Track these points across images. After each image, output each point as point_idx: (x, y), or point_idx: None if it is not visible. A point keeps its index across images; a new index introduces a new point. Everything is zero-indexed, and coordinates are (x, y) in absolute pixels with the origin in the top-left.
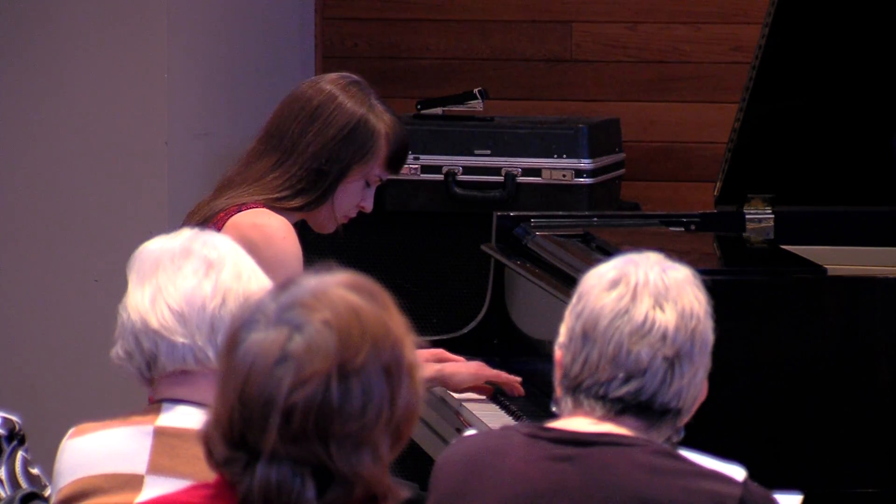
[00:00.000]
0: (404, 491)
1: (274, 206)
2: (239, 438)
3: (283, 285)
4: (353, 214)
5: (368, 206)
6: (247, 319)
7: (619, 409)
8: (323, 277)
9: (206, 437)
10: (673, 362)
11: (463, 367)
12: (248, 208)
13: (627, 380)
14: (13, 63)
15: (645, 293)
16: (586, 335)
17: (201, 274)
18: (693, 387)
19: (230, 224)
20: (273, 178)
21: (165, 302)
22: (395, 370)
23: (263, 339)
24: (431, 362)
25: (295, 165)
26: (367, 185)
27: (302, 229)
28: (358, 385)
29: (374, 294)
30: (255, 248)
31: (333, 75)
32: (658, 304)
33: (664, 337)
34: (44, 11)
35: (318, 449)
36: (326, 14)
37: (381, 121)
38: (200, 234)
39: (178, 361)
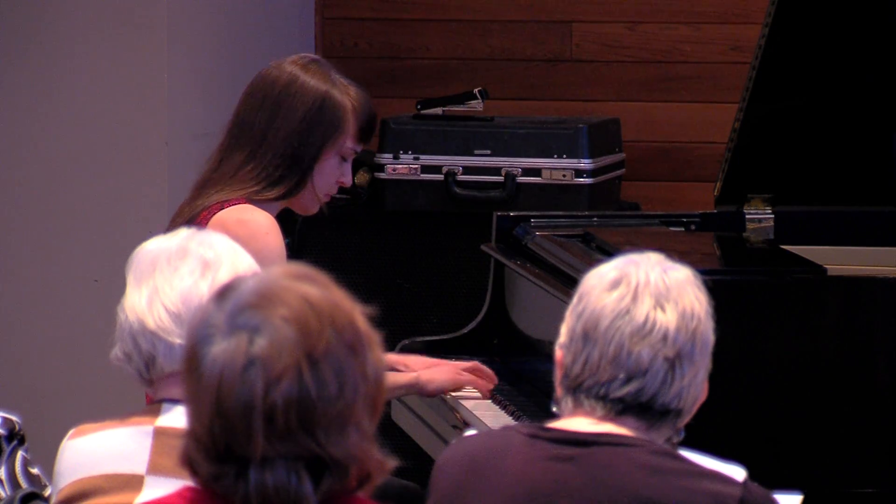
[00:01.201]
0: (391, 461)
1: (255, 199)
2: (224, 452)
3: (221, 293)
4: (335, 191)
5: (347, 180)
6: (200, 336)
7: (620, 409)
8: (260, 275)
9: (187, 459)
10: (674, 363)
11: (438, 374)
12: (230, 205)
13: (628, 380)
14: (13, 63)
15: (646, 294)
16: (587, 335)
17: (198, 274)
18: (693, 387)
19: (214, 221)
20: (248, 171)
21: (162, 303)
22: (357, 344)
23: (225, 349)
24: (408, 370)
25: (267, 154)
26: (343, 159)
27: (302, 228)
28: (329, 369)
29: (314, 277)
30: (239, 245)
31: (293, 57)
32: (659, 304)
33: (665, 337)
34: (44, 12)
35: (307, 441)
36: (326, 14)
37: (346, 95)
38: (197, 234)
39: (176, 362)
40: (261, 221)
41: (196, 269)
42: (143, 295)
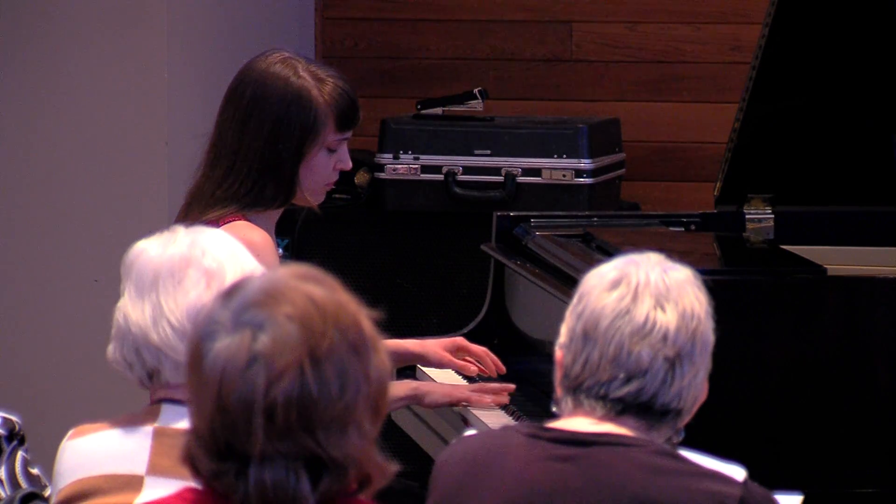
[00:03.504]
0: (393, 466)
1: (246, 212)
2: (225, 448)
3: (228, 292)
4: (335, 178)
5: (346, 164)
6: (204, 332)
7: (620, 409)
8: (267, 275)
9: (189, 457)
10: (674, 363)
11: (437, 388)
12: (225, 222)
13: (628, 380)
14: (13, 63)
15: (646, 294)
16: (587, 335)
17: (202, 286)
18: (693, 387)
19: None
20: (230, 185)
21: (167, 319)
22: (361, 346)
23: (228, 345)
24: (407, 380)
25: (245, 165)
26: (332, 151)
27: (302, 228)
28: (331, 369)
29: (320, 278)
30: None
31: (262, 59)
32: (659, 304)
33: (665, 337)
34: (44, 11)
35: (307, 440)
36: (326, 14)
37: (317, 89)
38: (199, 242)
39: (181, 377)
40: (254, 242)
41: (200, 281)
42: (147, 309)
